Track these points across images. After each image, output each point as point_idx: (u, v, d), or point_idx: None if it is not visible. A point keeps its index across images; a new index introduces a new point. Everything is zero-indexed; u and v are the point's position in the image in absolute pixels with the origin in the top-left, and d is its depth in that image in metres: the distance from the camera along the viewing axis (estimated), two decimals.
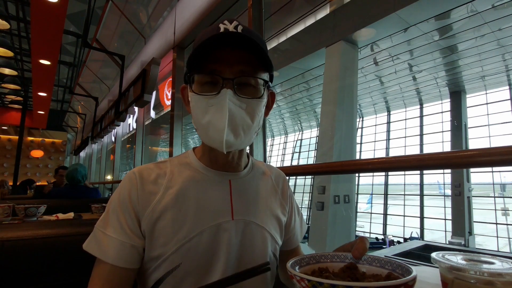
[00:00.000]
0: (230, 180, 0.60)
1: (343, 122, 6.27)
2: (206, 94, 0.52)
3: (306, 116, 15.08)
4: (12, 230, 0.78)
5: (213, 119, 0.51)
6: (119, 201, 0.55)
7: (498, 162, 0.59)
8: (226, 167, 0.60)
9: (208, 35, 0.51)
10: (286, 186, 0.71)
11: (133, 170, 0.58)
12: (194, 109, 0.54)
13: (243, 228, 0.57)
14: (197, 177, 0.58)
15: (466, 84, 10.40)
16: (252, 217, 0.59)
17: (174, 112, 2.85)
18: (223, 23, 0.52)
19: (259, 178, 0.66)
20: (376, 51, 7.76)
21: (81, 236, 0.81)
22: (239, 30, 0.52)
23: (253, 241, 0.58)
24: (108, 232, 0.53)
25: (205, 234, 0.54)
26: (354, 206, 6.71)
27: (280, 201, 0.67)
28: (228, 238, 0.55)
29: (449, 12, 6.10)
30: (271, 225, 0.62)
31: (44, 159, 11.31)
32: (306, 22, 5.39)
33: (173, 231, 0.53)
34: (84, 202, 2.37)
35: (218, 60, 0.51)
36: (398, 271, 0.42)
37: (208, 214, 0.55)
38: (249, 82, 0.53)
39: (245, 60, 0.52)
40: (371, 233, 12.90)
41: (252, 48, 0.51)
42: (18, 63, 7.09)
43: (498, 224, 10.05)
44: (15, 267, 0.73)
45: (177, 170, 0.59)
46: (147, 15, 4.95)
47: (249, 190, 0.62)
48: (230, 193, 0.59)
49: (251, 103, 0.53)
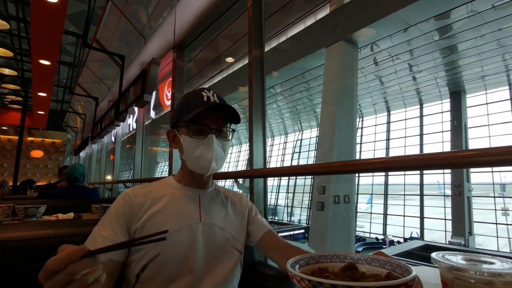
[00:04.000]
0: (199, 194, 0.83)
1: (343, 122, 6.27)
2: (198, 137, 0.76)
3: (306, 116, 15.09)
4: (12, 230, 0.78)
5: (203, 154, 0.76)
6: (114, 213, 0.73)
7: (498, 162, 0.59)
8: (198, 185, 0.83)
9: (197, 101, 0.77)
10: (244, 199, 0.94)
11: (126, 191, 0.78)
12: (186, 147, 0.77)
13: (209, 229, 0.79)
14: (175, 192, 0.81)
15: (466, 84, 10.41)
16: (216, 221, 0.81)
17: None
18: (204, 92, 0.79)
19: (221, 195, 0.90)
20: (376, 51, 7.76)
21: (81, 236, 0.81)
22: (215, 96, 0.79)
23: (215, 238, 0.79)
24: (102, 234, 0.70)
25: (179, 231, 0.74)
26: (354, 206, 6.71)
27: (240, 209, 0.90)
28: (197, 235, 0.76)
29: (449, 12, 6.11)
30: (231, 227, 0.84)
31: (44, 159, 11.31)
32: (306, 22, 5.39)
33: (156, 229, 0.72)
34: (84, 202, 2.36)
35: (206, 117, 0.76)
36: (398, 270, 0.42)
37: (182, 217, 0.77)
38: (223, 130, 0.79)
39: (221, 116, 0.78)
40: (371, 233, 12.91)
41: (226, 111, 0.78)
42: (18, 63, 7.09)
43: (498, 224, 10.05)
44: (15, 267, 0.73)
45: (160, 187, 0.81)
46: (147, 15, 4.95)
47: (213, 202, 0.85)
48: (199, 203, 0.81)
49: (225, 143, 0.80)
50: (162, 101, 6.74)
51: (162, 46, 3.35)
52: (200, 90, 0.80)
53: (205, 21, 2.46)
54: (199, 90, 0.80)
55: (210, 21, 2.47)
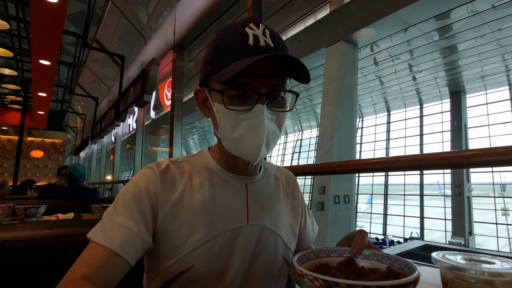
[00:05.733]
0: (246, 185, 0.59)
1: (343, 122, 6.27)
2: (239, 109, 0.50)
3: (306, 116, 15.08)
4: (12, 230, 0.78)
5: (246, 135, 0.51)
6: (133, 192, 0.52)
7: (498, 162, 0.59)
8: (244, 171, 0.60)
9: (237, 45, 0.50)
10: (297, 188, 0.71)
11: (150, 165, 0.56)
12: (221, 121, 0.53)
13: (258, 233, 0.57)
14: (215, 180, 0.58)
15: (466, 84, 10.40)
16: (266, 222, 0.59)
17: (174, 112, 2.85)
18: (249, 27, 0.50)
19: (273, 182, 0.66)
20: (376, 51, 7.76)
21: (81, 237, 0.81)
22: (267, 36, 0.51)
23: (266, 246, 0.58)
24: (117, 220, 0.50)
25: (220, 237, 0.53)
26: (354, 206, 6.70)
27: (292, 205, 0.67)
28: (243, 242, 0.55)
29: (449, 12, 6.11)
30: (284, 230, 0.62)
31: (44, 160, 11.31)
32: (306, 22, 5.39)
33: (188, 232, 0.52)
34: (84, 202, 2.36)
35: (251, 74, 0.49)
36: (397, 265, 0.42)
37: (225, 218, 0.55)
38: (279, 94, 0.53)
39: (277, 73, 0.51)
40: (371, 233, 12.90)
41: (284, 61, 0.50)
42: (18, 63, 7.09)
43: (498, 224, 10.04)
44: (15, 267, 0.73)
45: (195, 170, 0.58)
46: (147, 15, 4.94)
47: (264, 195, 0.61)
48: (247, 197, 0.58)
49: (281, 115, 0.53)
50: (162, 101, 6.74)
51: (162, 46, 3.35)
52: (243, 24, 0.51)
53: (205, 21, 2.46)
54: (241, 23, 0.52)
55: (210, 21, 2.47)
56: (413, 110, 12.92)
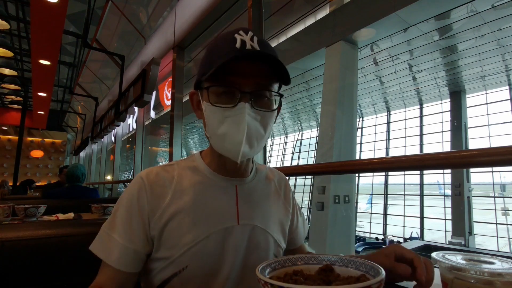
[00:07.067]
0: (236, 186, 0.61)
1: (343, 122, 6.27)
2: (223, 106, 0.52)
3: (306, 116, 15.07)
4: (12, 230, 0.78)
5: (229, 131, 0.52)
6: (127, 205, 0.55)
7: (498, 162, 0.59)
8: (234, 173, 0.62)
9: (225, 48, 0.52)
10: (288, 188, 0.73)
11: (140, 174, 0.58)
12: (209, 119, 0.55)
13: (249, 233, 0.59)
14: (205, 182, 0.60)
15: (466, 84, 10.40)
16: (257, 221, 0.60)
17: (174, 112, 2.85)
18: (238, 34, 0.53)
19: (263, 183, 0.67)
20: (376, 51, 7.76)
21: (81, 237, 0.81)
22: (255, 42, 0.52)
23: (257, 245, 0.60)
24: (113, 235, 0.54)
25: (212, 238, 0.55)
26: (354, 206, 6.70)
27: (284, 204, 0.69)
28: (234, 242, 0.57)
29: (449, 12, 6.11)
30: (274, 229, 0.63)
31: (44, 159, 11.31)
32: (306, 22, 5.39)
33: (181, 234, 0.54)
34: (84, 202, 2.36)
35: (236, 72, 0.52)
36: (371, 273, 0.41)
37: (215, 219, 0.57)
38: (264, 94, 0.54)
39: (261, 73, 0.53)
40: (371, 233, 12.90)
41: (270, 62, 0.52)
42: (18, 63, 7.09)
43: (498, 224, 10.04)
44: (15, 267, 0.73)
45: (185, 174, 0.60)
46: (147, 15, 4.94)
47: (254, 195, 0.63)
48: (236, 198, 0.60)
49: (265, 115, 0.54)
50: (162, 101, 6.74)
51: (162, 46, 3.35)
52: (233, 31, 0.54)
53: (205, 21, 2.46)
54: (232, 31, 0.55)
55: (210, 21, 2.47)
56: (413, 110, 12.92)
